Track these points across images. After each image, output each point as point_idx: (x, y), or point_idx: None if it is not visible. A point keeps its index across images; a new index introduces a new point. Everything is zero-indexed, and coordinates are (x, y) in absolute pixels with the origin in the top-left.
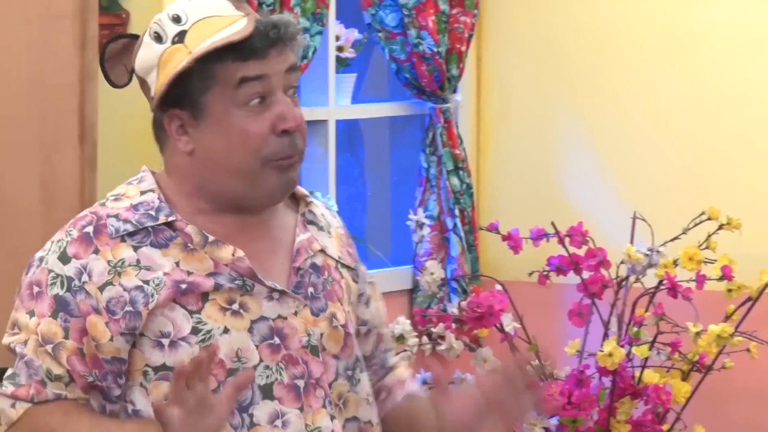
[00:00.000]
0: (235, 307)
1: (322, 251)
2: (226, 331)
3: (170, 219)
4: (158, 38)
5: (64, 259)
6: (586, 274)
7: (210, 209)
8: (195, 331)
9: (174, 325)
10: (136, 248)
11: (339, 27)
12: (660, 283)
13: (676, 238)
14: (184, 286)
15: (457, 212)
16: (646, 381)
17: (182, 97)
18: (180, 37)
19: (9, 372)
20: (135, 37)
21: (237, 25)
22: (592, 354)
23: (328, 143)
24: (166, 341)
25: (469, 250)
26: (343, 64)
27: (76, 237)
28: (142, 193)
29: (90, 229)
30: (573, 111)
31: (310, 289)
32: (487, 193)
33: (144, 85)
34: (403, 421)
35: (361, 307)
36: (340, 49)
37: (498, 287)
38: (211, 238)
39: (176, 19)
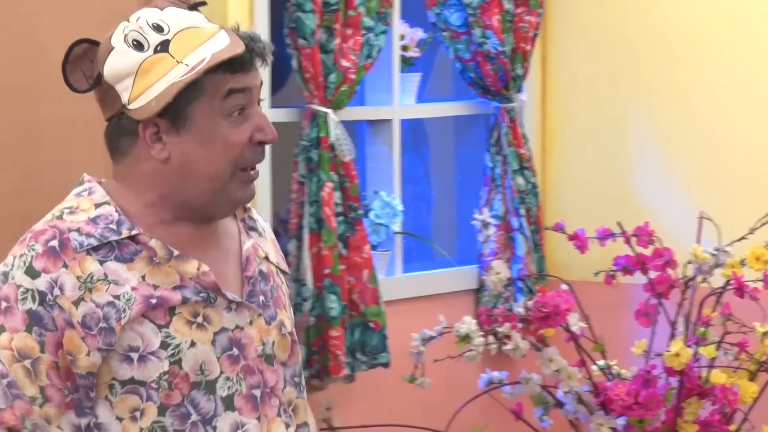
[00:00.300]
0: (200, 320)
1: (266, 258)
2: (192, 344)
3: (133, 233)
4: (138, 46)
5: (32, 273)
6: (652, 274)
7: (169, 219)
8: (164, 345)
9: (143, 340)
10: (102, 262)
11: (403, 26)
12: (727, 283)
13: (743, 237)
14: (153, 300)
15: (522, 212)
16: (713, 381)
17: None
18: (163, 46)
19: None
20: (95, 43)
21: (220, 38)
22: (659, 354)
23: (392, 143)
24: (135, 355)
25: (535, 249)
26: (407, 64)
27: (41, 252)
28: (97, 205)
29: (55, 243)
30: (639, 109)
31: (261, 298)
32: (552, 192)
33: (110, 91)
34: None
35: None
36: (404, 48)
37: (564, 287)
38: (175, 252)
39: (158, 28)
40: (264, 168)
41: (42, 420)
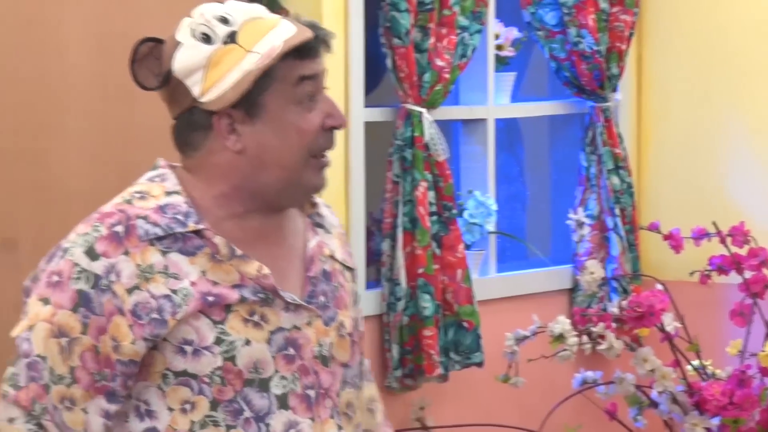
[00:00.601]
0: (256, 318)
1: (331, 256)
2: (247, 342)
3: (199, 227)
4: (206, 39)
5: (91, 255)
6: (748, 274)
7: (239, 212)
8: (218, 341)
9: (198, 334)
10: (164, 253)
11: (498, 25)
12: None
13: None
14: (211, 298)
15: (617, 211)
16: None
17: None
18: (231, 37)
19: (9, 371)
20: (159, 41)
21: (286, 26)
22: (754, 354)
23: (487, 142)
24: (189, 349)
25: (629, 249)
26: (502, 63)
27: (105, 234)
28: (167, 193)
29: (120, 228)
30: (735, 109)
31: (322, 298)
32: (647, 192)
33: (179, 87)
34: None
35: (352, 306)
36: (499, 47)
37: (659, 287)
38: (238, 252)
39: (223, 20)
40: (358, 167)
41: (62, 405)
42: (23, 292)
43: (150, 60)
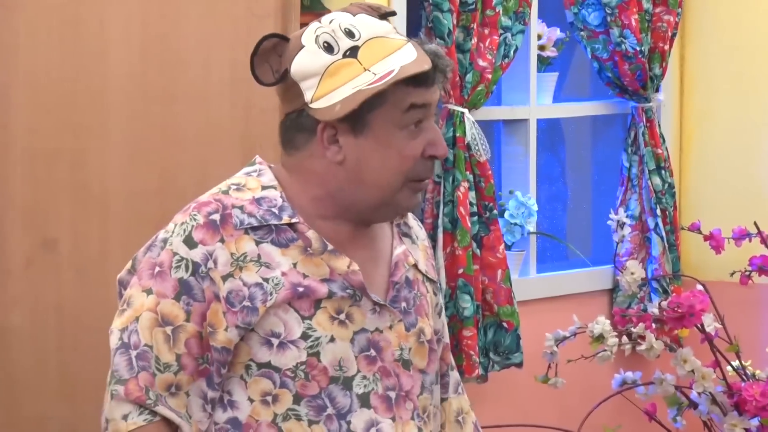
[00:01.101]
0: (342, 317)
1: (415, 265)
2: (332, 339)
3: (293, 220)
4: (329, 48)
5: (189, 243)
6: None
7: (331, 215)
8: (305, 336)
9: (286, 327)
10: (258, 243)
11: (541, 26)
12: None
13: None
14: (300, 289)
15: (658, 212)
16: None
17: None
18: (352, 52)
19: (110, 372)
20: (285, 39)
21: (408, 51)
22: None
23: (528, 142)
24: (275, 341)
25: (670, 249)
26: (544, 63)
27: (202, 223)
28: (264, 187)
29: (216, 217)
30: None
31: (404, 304)
32: (689, 192)
33: (293, 87)
34: None
35: (435, 317)
36: (542, 48)
37: (699, 287)
38: (329, 246)
39: (349, 34)
40: None
41: (168, 392)
42: (118, 283)
43: (272, 55)
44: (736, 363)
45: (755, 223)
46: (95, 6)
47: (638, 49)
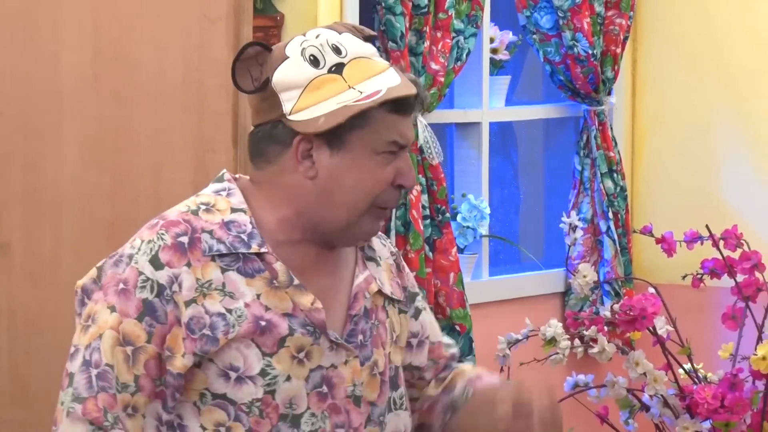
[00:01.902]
0: (302, 355)
1: (378, 291)
2: (288, 378)
3: (261, 250)
4: (314, 62)
5: (155, 264)
6: (740, 278)
7: (297, 238)
8: (263, 373)
9: (245, 362)
10: (224, 270)
11: (494, 29)
12: None
13: None
14: (263, 323)
15: (610, 215)
16: None
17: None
18: (338, 68)
19: (67, 390)
20: (268, 48)
21: (392, 75)
22: (746, 357)
23: (481, 145)
24: (233, 375)
25: (622, 252)
26: (497, 66)
27: (169, 244)
28: (233, 210)
29: (185, 239)
30: (729, 113)
31: (360, 337)
32: (641, 195)
33: (271, 98)
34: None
35: (410, 321)
36: (494, 51)
37: (651, 290)
38: (296, 281)
39: (336, 50)
40: None
41: (125, 412)
42: (81, 291)
43: (253, 63)
44: (688, 366)
45: (707, 226)
46: (48, 8)
47: (590, 52)
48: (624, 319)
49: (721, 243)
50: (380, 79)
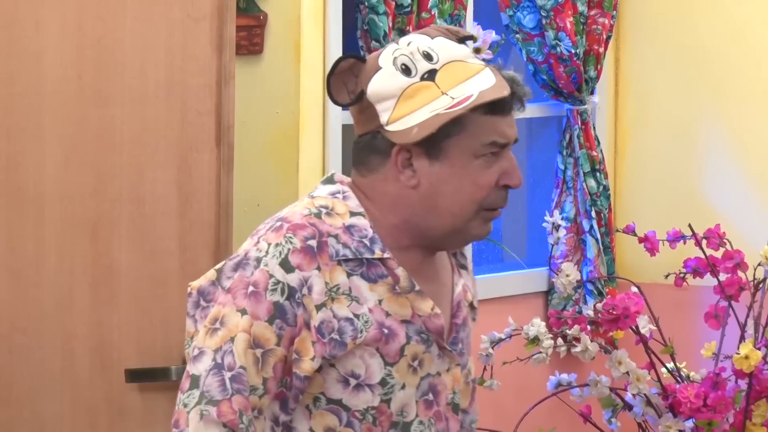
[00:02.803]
0: (416, 363)
1: (470, 303)
2: (403, 387)
3: (384, 255)
4: (406, 70)
5: (286, 267)
6: (722, 277)
7: (405, 245)
8: (383, 382)
9: (367, 371)
10: (349, 275)
11: (476, 28)
12: None
13: None
14: (385, 330)
15: (593, 214)
16: None
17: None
18: (430, 75)
19: (192, 392)
20: (362, 60)
21: (486, 76)
22: (729, 356)
23: None
24: (353, 382)
25: (605, 252)
26: None
27: (299, 247)
28: (352, 213)
29: (314, 243)
30: (712, 112)
31: (460, 345)
32: (624, 194)
33: (368, 109)
34: None
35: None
36: (477, 50)
37: (634, 289)
38: (417, 287)
39: (427, 56)
40: (336, 170)
41: (254, 414)
42: (197, 293)
43: (348, 76)
44: (670, 365)
45: (690, 225)
46: (31, 7)
47: (573, 51)
48: (607, 318)
49: (704, 242)
50: (473, 82)
